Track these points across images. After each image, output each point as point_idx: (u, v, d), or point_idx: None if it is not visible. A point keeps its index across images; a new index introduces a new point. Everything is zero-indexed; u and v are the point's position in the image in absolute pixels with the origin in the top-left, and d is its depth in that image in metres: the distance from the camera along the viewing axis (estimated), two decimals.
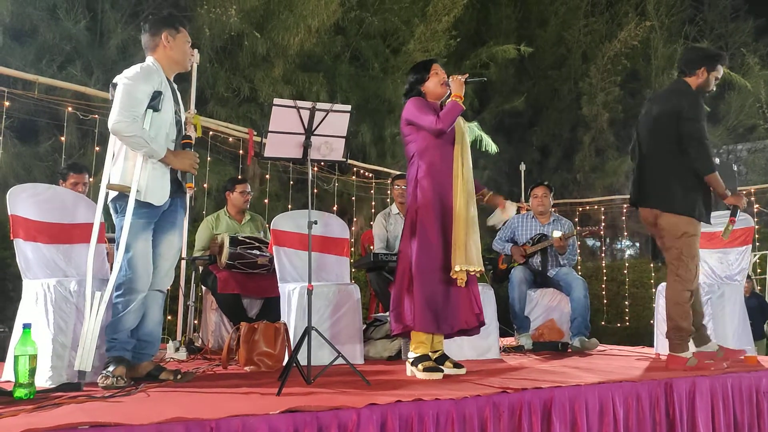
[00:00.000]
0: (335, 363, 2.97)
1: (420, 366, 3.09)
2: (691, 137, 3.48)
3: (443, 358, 3.27)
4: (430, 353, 3.23)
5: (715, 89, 3.70)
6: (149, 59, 3.01)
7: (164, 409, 2.10)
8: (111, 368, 2.76)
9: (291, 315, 3.75)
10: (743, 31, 13.12)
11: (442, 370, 3.10)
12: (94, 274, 2.84)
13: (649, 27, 11.30)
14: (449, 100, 3.33)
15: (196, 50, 5.63)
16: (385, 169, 7.79)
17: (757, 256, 8.52)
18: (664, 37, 11.90)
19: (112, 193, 2.90)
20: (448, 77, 3.40)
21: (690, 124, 3.49)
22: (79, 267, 3.26)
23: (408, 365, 3.20)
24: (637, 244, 13.07)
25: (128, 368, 2.84)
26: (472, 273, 3.17)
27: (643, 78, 12.15)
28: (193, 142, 3.03)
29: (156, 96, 2.85)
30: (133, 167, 2.83)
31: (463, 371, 3.21)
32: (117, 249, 2.83)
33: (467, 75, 3.38)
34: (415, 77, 3.46)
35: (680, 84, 3.69)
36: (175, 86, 3.11)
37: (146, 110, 2.85)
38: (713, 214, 4.55)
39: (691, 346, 3.57)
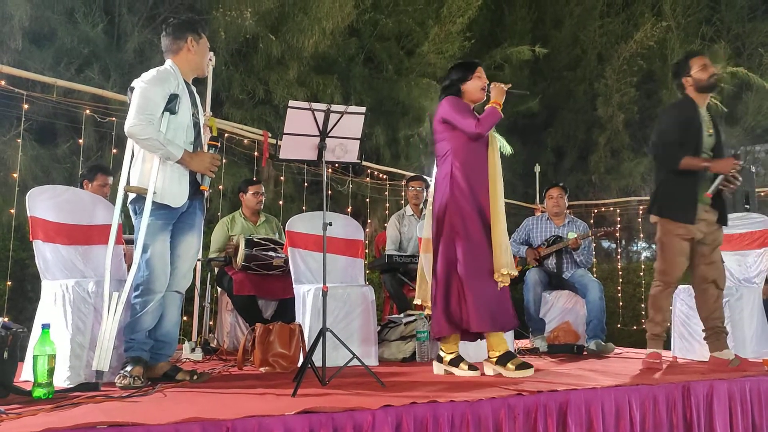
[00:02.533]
0: (350, 364, 2.97)
1: (462, 365, 3.27)
2: (653, 144, 3.77)
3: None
4: (488, 353, 3.39)
5: (716, 80, 3.73)
6: (168, 62, 3.04)
7: (181, 410, 2.12)
8: (128, 368, 2.79)
9: (306, 316, 3.77)
10: (761, 31, 12.93)
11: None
12: (111, 274, 2.88)
13: (665, 27, 11.20)
14: (488, 105, 3.38)
15: (212, 53, 5.70)
16: (400, 171, 7.79)
17: None
18: (681, 38, 11.78)
19: (132, 195, 2.93)
20: (489, 84, 3.44)
21: (654, 134, 3.79)
22: (97, 268, 3.30)
23: (436, 364, 3.37)
24: (653, 246, 12.96)
25: (145, 368, 2.86)
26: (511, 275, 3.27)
27: (659, 79, 12.03)
28: (218, 144, 3.05)
29: (172, 99, 2.88)
30: (151, 169, 2.86)
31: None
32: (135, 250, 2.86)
33: (510, 85, 3.43)
34: (458, 75, 3.51)
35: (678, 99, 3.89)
36: (194, 89, 3.14)
37: (163, 113, 2.88)
38: (732, 215, 4.52)
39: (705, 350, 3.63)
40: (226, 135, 6.03)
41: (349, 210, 7.16)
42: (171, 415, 1.96)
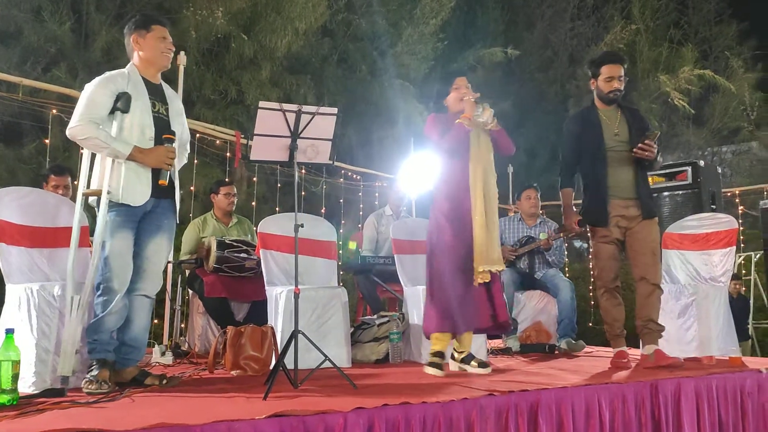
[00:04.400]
0: (322, 366, 2.95)
1: (429, 359, 3.35)
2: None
3: (469, 358, 3.44)
4: (455, 352, 3.51)
5: (616, 87, 3.78)
6: (129, 64, 3.05)
7: (149, 415, 2.08)
8: (94, 371, 2.73)
9: (278, 318, 3.74)
10: (727, 34, 13.26)
11: (441, 368, 3.27)
12: (78, 277, 2.83)
13: (634, 30, 11.39)
14: (457, 121, 3.43)
15: (182, 52, 5.64)
16: (373, 172, 7.79)
17: (742, 258, 8.60)
18: (650, 41, 12.00)
19: (93, 198, 2.91)
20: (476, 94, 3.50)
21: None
22: (62, 271, 3.22)
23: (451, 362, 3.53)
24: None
25: (112, 372, 2.81)
26: (495, 272, 3.36)
27: (628, 81, 12.24)
28: (175, 138, 3.01)
29: (120, 97, 2.87)
30: (105, 169, 2.85)
31: (488, 370, 3.34)
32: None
33: (477, 95, 3.47)
34: (438, 90, 3.61)
35: None
36: (163, 84, 3.12)
37: (114, 112, 2.88)
38: (698, 215, 4.60)
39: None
40: (198, 135, 5.97)
41: (322, 211, 7.13)
42: (139, 421, 1.93)
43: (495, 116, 3.47)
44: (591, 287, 9.37)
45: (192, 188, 6.13)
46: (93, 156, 2.96)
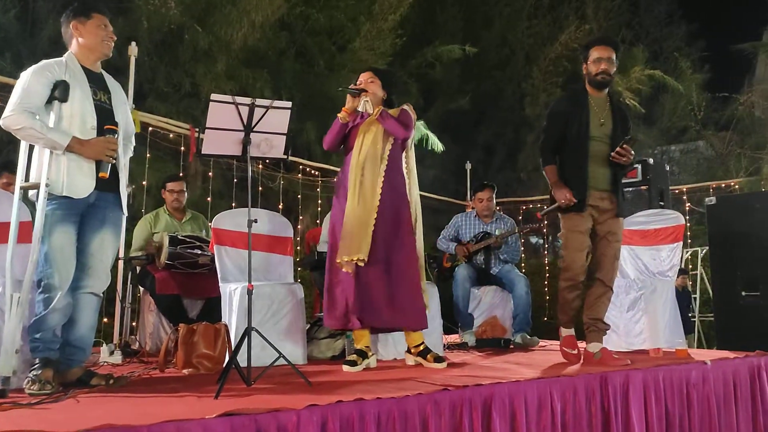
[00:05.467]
0: (277, 364, 2.92)
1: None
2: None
3: (425, 352, 3.48)
4: (411, 347, 3.55)
5: (604, 68, 3.66)
6: (66, 53, 2.96)
7: (94, 416, 2.02)
8: (37, 371, 2.64)
9: (232, 316, 3.68)
10: (676, 35, 13.64)
11: (355, 365, 3.32)
12: (16, 274, 2.72)
13: (588, 30, 11.60)
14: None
15: (133, 43, 5.48)
16: (332, 167, 7.73)
17: (689, 253, 8.88)
18: None
19: (32, 191, 2.80)
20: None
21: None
22: (3, 269, 3.10)
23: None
24: None
25: (56, 373, 2.72)
26: (357, 261, 3.33)
27: (583, 80, 12.46)
28: (118, 129, 2.92)
29: (57, 86, 2.78)
30: (44, 161, 2.74)
31: (443, 365, 3.38)
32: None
33: (351, 86, 3.65)
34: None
35: None
36: (104, 73, 3.04)
37: (52, 102, 2.78)
38: (647, 212, 4.72)
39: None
40: (151, 129, 5.82)
41: (280, 207, 7.06)
42: (83, 422, 1.86)
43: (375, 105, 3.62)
44: (546, 283, 9.55)
45: (144, 183, 5.98)
46: (31, 147, 2.85)
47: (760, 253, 5.29)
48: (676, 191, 8.67)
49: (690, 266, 8.88)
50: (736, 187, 9.46)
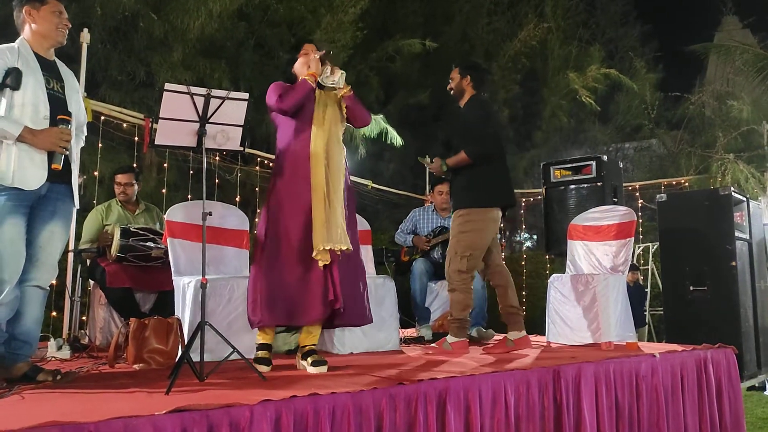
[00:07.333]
0: (231, 359, 2.88)
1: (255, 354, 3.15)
2: (472, 138, 4.29)
3: (308, 354, 3.13)
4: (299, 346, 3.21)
5: None
6: (18, 39, 2.85)
7: (39, 413, 1.95)
8: None
9: (186, 309, 3.61)
10: (631, 36, 13.99)
11: (269, 363, 3.09)
12: None
13: (546, 28, 11.78)
14: (301, 77, 3.25)
15: (86, 29, 5.32)
16: None
17: (641, 248, 9.13)
18: (560, 39, 12.45)
19: None
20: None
21: (461, 131, 4.50)
22: None
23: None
24: (535, 237, 13.66)
25: (1, 367, 2.63)
26: (337, 252, 3.03)
27: (540, 77, 12.66)
28: (71, 119, 2.83)
29: (9, 74, 2.69)
30: None
31: (322, 369, 2.99)
32: None
33: (322, 52, 3.28)
34: (288, 60, 3.43)
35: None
36: (57, 62, 2.95)
37: (4, 89, 2.69)
38: (600, 208, 4.82)
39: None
40: (103, 118, 5.66)
41: (237, 199, 6.96)
42: (28, 419, 1.80)
43: (348, 83, 3.26)
44: None
45: (96, 173, 5.82)
46: None
47: (707, 249, 5.48)
48: (629, 188, 8.89)
49: (641, 261, 9.13)
50: (686, 184, 9.77)
